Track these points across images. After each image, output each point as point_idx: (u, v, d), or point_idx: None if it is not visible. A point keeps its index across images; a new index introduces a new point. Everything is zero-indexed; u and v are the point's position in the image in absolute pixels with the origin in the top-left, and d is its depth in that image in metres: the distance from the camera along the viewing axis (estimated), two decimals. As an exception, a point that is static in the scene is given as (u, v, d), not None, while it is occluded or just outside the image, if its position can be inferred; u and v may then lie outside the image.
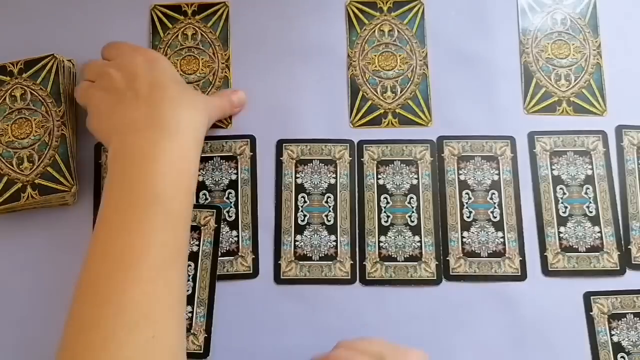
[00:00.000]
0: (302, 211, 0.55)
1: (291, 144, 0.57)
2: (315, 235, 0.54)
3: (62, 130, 0.54)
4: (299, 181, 0.56)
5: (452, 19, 0.60)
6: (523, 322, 0.53)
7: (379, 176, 0.56)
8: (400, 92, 0.58)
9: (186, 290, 0.48)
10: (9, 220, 0.55)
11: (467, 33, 0.59)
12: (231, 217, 0.55)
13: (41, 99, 0.55)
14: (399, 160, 0.56)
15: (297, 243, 0.54)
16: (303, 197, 0.55)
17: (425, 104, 0.58)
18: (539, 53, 0.59)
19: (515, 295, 0.53)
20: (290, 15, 0.60)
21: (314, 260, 0.54)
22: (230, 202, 0.55)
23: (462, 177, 0.56)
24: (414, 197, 0.55)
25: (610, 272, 0.53)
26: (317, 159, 0.56)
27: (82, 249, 0.54)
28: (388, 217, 0.55)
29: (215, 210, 0.54)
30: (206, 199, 0.55)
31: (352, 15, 0.60)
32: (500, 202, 0.55)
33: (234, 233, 0.55)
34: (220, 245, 0.54)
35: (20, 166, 0.53)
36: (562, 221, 0.55)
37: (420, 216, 0.55)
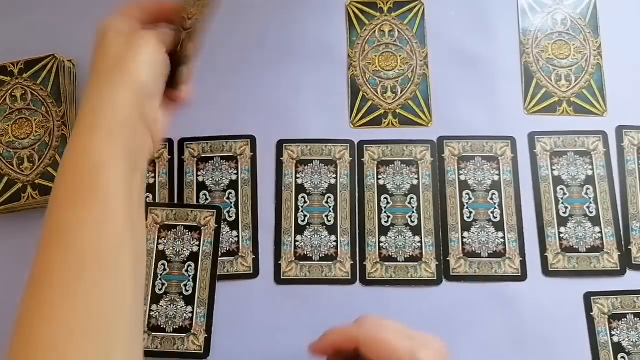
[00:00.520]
0: (302, 211, 0.55)
1: (291, 144, 0.57)
2: (316, 235, 0.54)
3: (62, 130, 0.54)
4: (299, 181, 0.56)
5: (452, 19, 0.60)
6: (523, 322, 0.52)
7: (379, 176, 0.56)
8: (401, 92, 0.58)
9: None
10: (9, 220, 0.55)
11: (467, 33, 0.59)
12: (231, 217, 0.55)
13: (41, 99, 0.55)
14: (398, 160, 0.56)
15: (297, 243, 0.54)
16: (303, 197, 0.55)
17: (425, 104, 0.58)
18: (539, 53, 0.59)
19: (515, 295, 0.53)
20: (290, 15, 0.60)
21: (314, 260, 0.54)
22: (230, 202, 0.55)
23: (462, 177, 0.56)
24: (414, 197, 0.55)
25: (610, 272, 0.53)
26: (317, 159, 0.56)
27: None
28: (388, 217, 0.55)
29: (215, 210, 0.54)
30: (206, 199, 0.55)
31: (352, 15, 0.60)
32: (500, 202, 0.55)
33: (234, 233, 0.55)
34: (220, 245, 0.54)
35: (21, 166, 0.53)
36: (562, 221, 0.55)
37: (420, 216, 0.55)
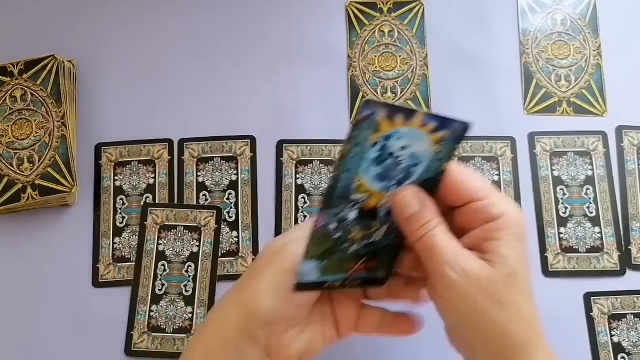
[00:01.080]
0: (302, 212, 0.55)
1: (291, 145, 0.57)
2: (315, 235, 0.54)
3: (62, 130, 0.54)
4: (299, 182, 0.56)
5: (452, 19, 0.60)
6: (523, 322, 0.52)
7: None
8: (400, 93, 0.58)
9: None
10: (9, 220, 0.55)
11: (467, 33, 0.59)
12: (231, 217, 0.55)
13: (41, 99, 0.55)
14: (399, 160, 0.56)
15: (297, 243, 0.54)
16: (303, 197, 0.55)
17: (425, 104, 0.58)
18: (539, 53, 0.59)
19: (515, 295, 0.53)
20: (290, 15, 0.60)
21: (314, 261, 0.54)
22: (231, 203, 0.55)
23: (462, 178, 0.56)
24: (414, 197, 0.55)
25: (610, 273, 0.53)
26: (317, 159, 0.56)
27: (82, 249, 0.54)
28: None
29: (215, 211, 0.54)
30: (206, 199, 0.55)
31: (352, 15, 0.60)
32: (500, 203, 0.55)
33: (234, 233, 0.55)
34: (221, 245, 0.54)
35: (21, 167, 0.53)
36: (562, 221, 0.54)
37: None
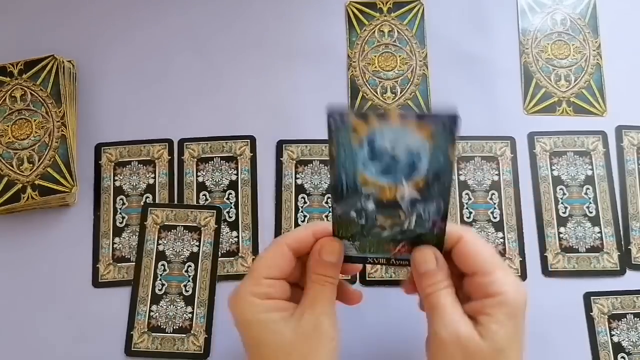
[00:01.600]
0: (302, 212, 0.55)
1: (291, 145, 0.57)
2: (316, 235, 0.54)
3: (62, 131, 0.54)
4: (299, 182, 0.56)
5: (452, 19, 0.60)
6: (523, 322, 0.52)
7: (379, 177, 0.56)
8: (400, 93, 0.58)
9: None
10: (9, 220, 0.55)
11: (467, 33, 0.59)
12: (231, 217, 0.55)
13: (41, 99, 0.55)
14: (399, 160, 0.56)
15: (297, 243, 0.54)
16: (303, 197, 0.55)
17: (424, 104, 0.58)
18: (539, 53, 0.59)
19: (515, 295, 0.53)
20: (290, 15, 0.60)
21: (314, 261, 0.54)
22: (231, 203, 0.55)
23: (462, 178, 0.56)
24: (414, 197, 0.55)
25: (610, 273, 0.53)
26: (317, 160, 0.56)
27: (82, 249, 0.54)
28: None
29: (215, 211, 0.54)
30: (206, 199, 0.55)
31: (352, 15, 0.60)
32: (500, 203, 0.55)
33: (234, 234, 0.55)
34: (221, 245, 0.54)
35: (21, 167, 0.53)
36: (562, 221, 0.55)
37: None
